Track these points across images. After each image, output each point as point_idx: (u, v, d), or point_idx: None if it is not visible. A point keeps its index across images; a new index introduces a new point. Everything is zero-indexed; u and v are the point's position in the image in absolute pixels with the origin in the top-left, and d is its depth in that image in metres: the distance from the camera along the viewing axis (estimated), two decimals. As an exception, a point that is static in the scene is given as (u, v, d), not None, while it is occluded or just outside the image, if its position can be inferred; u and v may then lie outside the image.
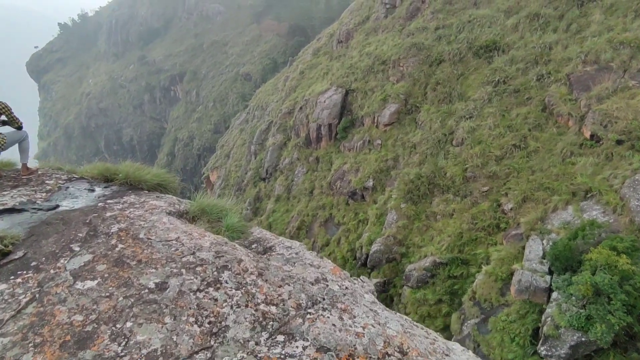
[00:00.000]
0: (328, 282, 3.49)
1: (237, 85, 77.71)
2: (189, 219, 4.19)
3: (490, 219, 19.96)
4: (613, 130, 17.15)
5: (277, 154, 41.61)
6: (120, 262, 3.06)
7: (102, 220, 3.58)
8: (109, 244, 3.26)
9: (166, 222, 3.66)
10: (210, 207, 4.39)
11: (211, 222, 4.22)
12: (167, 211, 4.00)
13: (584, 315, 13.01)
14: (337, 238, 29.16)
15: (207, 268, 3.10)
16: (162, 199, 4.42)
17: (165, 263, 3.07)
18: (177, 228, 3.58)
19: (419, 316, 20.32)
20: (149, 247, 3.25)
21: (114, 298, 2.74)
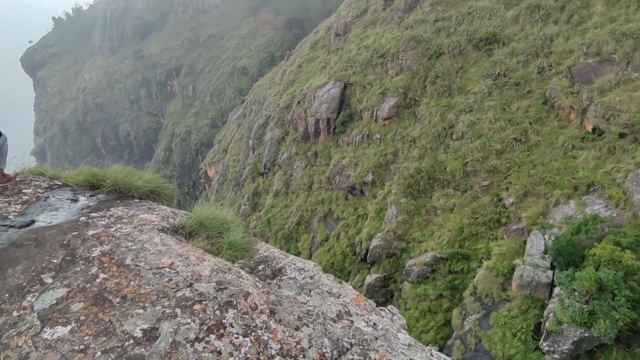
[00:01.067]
0: (353, 318, 2.99)
1: (234, 80, 77.05)
2: (185, 235, 3.64)
3: (491, 214, 19.80)
4: (615, 124, 16.93)
5: (275, 149, 41.29)
6: (100, 299, 2.51)
7: (82, 241, 3.03)
8: (88, 274, 2.70)
9: (158, 242, 3.13)
10: (210, 220, 3.84)
11: (210, 238, 3.70)
12: (159, 227, 3.45)
13: (587, 310, 12.90)
14: (336, 233, 29.01)
15: (207, 306, 2.55)
16: (155, 211, 3.84)
17: (156, 300, 2.52)
18: (171, 250, 3.04)
19: (419, 311, 20.24)
20: (136, 277, 2.70)
21: (90, 354, 2.19)
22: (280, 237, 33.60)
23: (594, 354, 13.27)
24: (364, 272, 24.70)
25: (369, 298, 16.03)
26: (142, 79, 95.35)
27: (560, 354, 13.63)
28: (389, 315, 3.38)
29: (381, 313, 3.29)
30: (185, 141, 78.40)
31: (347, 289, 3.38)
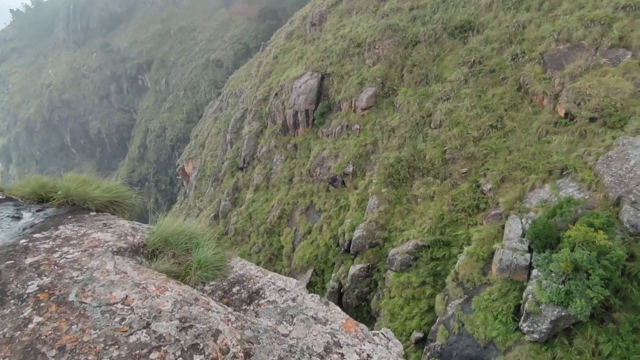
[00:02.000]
0: (343, 350, 2.59)
1: (208, 72, 75.14)
2: (148, 255, 3.11)
3: (470, 200, 20.13)
4: (586, 108, 17.41)
5: (253, 143, 40.63)
6: (31, 354, 1.95)
7: (17, 273, 2.41)
8: (19, 317, 2.14)
9: (111, 269, 2.57)
10: (176, 235, 3.32)
11: (177, 256, 3.18)
12: (115, 249, 2.88)
13: (564, 290, 13.31)
14: (319, 225, 28.94)
15: (166, 353, 2.05)
16: (111, 227, 3.25)
17: (103, 349, 2.01)
18: (127, 279, 2.51)
19: (403, 299, 20.50)
20: (80, 318, 2.16)
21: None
22: (262, 231, 33.28)
23: (571, 332, 13.76)
24: (347, 263, 24.78)
25: (354, 289, 15.95)
26: (111, 74, 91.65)
27: (539, 333, 14.07)
28: (383, 341, 3.00)
29: (375, 339, 2.94)
30: (160, 137, 76.20)
31: (335, 312, 2.97)
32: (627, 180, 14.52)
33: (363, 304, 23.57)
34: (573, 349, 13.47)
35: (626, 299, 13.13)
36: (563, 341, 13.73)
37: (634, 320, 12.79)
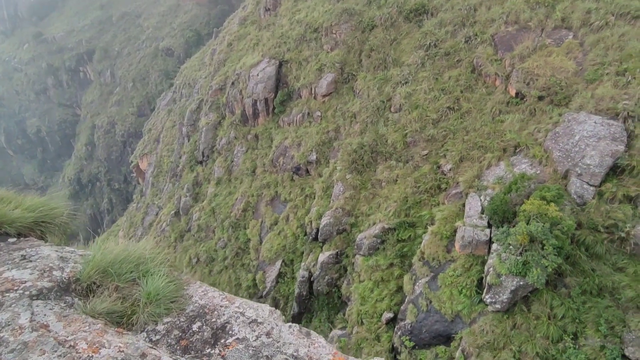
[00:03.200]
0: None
1: (158, 62, 71.03)
2: (82, 292, 2.44)
3: (431, 181, 20.68)
4: (535, 87, 18.30)
5: (212, 135, 39.15)
6: None
7: None
8: None
9: (26, 324, 1.93)
10: (119, 262, 2.68)
11: (121, 289, 2.57)
12: (34, 292, 2.19)
13: (521, 261, 14.09)
14: (285, 215, 28.64)
15: None
16: (31, 261, 2.51)
17: None
18: (47, 337, 1.87)
19: (373, 282, 20.87)
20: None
21: None
22: (227, 226, 32.42)
23: (529, 299, 14.65)
24: (316, 251, 24.78)
25: (324, 276, 15.70)
26: (47, 66, 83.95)
27: (500, 303, 14.87)
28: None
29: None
30: (110, 133, 71.47)
31: (319, 345, 2.45)
32: (573, 155, 15.50)
33: (334, 290, 23.78)
34: (531, 314, 14.38)
35: (576, 264, 14.15)
36: (522, 308, 14.61)
37: (582, 283, 13.84)
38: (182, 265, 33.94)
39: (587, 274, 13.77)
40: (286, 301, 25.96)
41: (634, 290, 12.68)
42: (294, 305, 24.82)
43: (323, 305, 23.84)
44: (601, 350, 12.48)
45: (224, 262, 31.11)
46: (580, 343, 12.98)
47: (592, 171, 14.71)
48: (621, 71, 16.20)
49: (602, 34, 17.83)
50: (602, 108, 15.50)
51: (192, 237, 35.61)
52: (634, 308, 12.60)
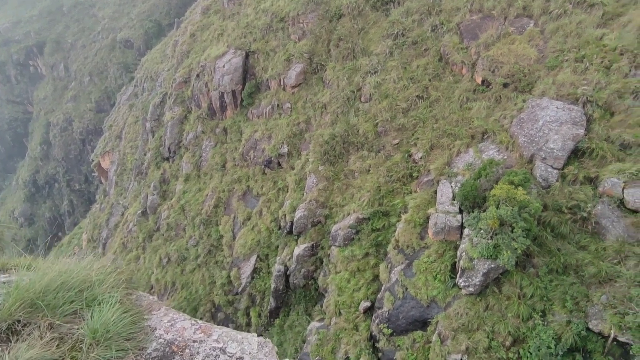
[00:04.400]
0: None
1: (116, 55, 67.32)
2: (1, 335, 1.78)
3: (403, 170, 20.84)
4: (499, 75, 18.73)
5: (178, 129, 37.65)
6: None
7: None
8: None
9: None
10: (54, 290, 1.97)
11: (57, 327, 1.85)
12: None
13: (492, 245, 14.46)
14: (258, 210, 28.10)
15: None
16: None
17: None
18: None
19: (349, 272, 20.90)
20: None
21: None
22: (198, 223, 31.43)
23: (500, 281, 15.10)
24: (291, 244, 24.51)
25: (300, 269, 15.40)
26: (-8, 60, 77.57)
27: (473, 286, 15.25)
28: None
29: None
30: (67, 131, 67.29)
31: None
32: (537, 139, 16.01)
33: (310, 282, 23.66)
34: (502, 295, 14.86)
35: (542, 245, 14.70)
36: (494, 290, 15.07)
37: (549, 262, 14.41)
38: (152, 266, 32.67)
39: (553, 253, 14.34)
40: (262, 296, 25.59)
41: (595, 267, 13.33)
42: (271, 299, 24.51)
43: (300, 298, 23.69)
44: (567, 325, 13.06)
45: (196, 261, 30.21)
46: (548, 320, 13.54)
47: (556, 155, 15.27)
48: (579, 58, 16.84)
49: (561, 22, 18.45)
50: (563, 94, 16.07)
51: (161, 236, 34.30)
52: (596, 283, 13.25)
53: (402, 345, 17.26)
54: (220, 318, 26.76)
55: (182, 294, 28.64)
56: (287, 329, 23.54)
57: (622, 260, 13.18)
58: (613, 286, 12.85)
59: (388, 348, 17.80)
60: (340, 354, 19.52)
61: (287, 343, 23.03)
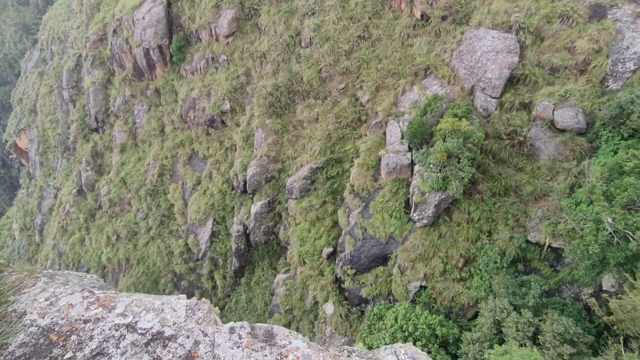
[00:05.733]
0: None
1: (10, 14, 57.21)
2: None
3: (351, 114, 20.67)
4: (437, 7, 18.51)
5: (102, 96, 33.80)
6: None
7: None
8: None
9: None
10: None
11: None
12: None
13: (441, 177, 15.13)
14: (207, 173, 26.87)
15: None
16: None
17: None
18: None
19: (309, 222, 21.13)
20: None
21: None
22: (143, 195, 29.54)
23: (450, 210, 16.07)
24: (247, 203, 24.03)
25: (259, 226, 15.04)
26: None
27: (427, 218, 16.12)
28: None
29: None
30: (-34, 110, 57.91)
31: (297, 349, 1.45)
32: (476, 71, 16.39)
33: (271, 237, 23.71)
34: (453, 222, 15.91)
35: (486, 172, 15.66)
36: (445, 219, 16.06)
37: (492, 187, 15.48)
38: (101, 246, 30.70)
39: (495, 178, 15.37)
40: (225, 258, 25.36)
41: (532, 186, 14.54)
42: (234, 260, 24.38)
43: (263, 254, 23.80)
44: (510, 241, 14.41)
45: (148, 234, 28.81)
46: (494, 238, 14.82)
47: (494, 84, 15.81)
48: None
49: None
50: (498, 22, 16.33)
51: (105, 214, 31.99)
52: (532, 200, 14.54)
53: (366, 282, 18.24)
54: (184, 286, 26.32)
55: (138, 269, 27.51)
56: (254, 286, 23.81)
57: (554, 176, 14.49)
58: (547, 201, 14.19)
59: (353, 287, 18.75)
60: (308, 300, 20.27)
61: (256, 298, 23.41)
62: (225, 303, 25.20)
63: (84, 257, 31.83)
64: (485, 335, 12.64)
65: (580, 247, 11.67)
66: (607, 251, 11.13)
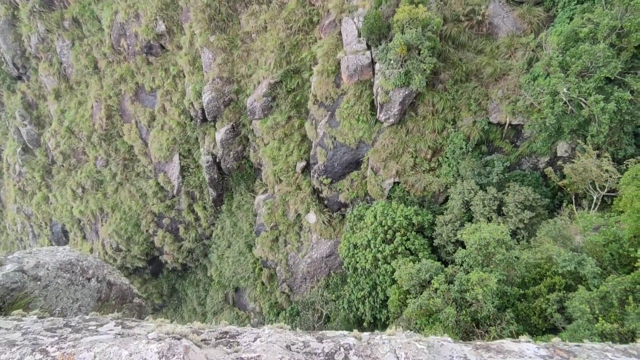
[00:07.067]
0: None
1: None
2: None
3: (302, 17, 18.96)
4: None
5: (12, 36, 28.97)
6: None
7: None
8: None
9: None
10: None
11: None
12: None
13: (404, 72, 14.77)
14: (160, 107, 25.02)
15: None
16: None
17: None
18: None
19: (278, 141, 20.82)
20: None
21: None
22: (97, 142, 27.62)
23: (415, 104, 16.10)
24: (210, 131, 23.08)
25: (228, 153, 14.69)
26: None
27: (393, 117, 16.18)
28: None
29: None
30: None
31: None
32: (429, -55, 14.83)
33: (243, 162, 23.48)
34: (419, 117, 16.09)
35: (446, 60, 15.36)
36: (411, 115, 16.18)
37: (454, 74, 15.35)
38: (68, 201, 29.60)
39: (456, 65, 15.17)
40: (200, 190, 25.28)
41: (492, 67, 14.52)
42: (210, 190, 24.38)
43: (238, 179, 23.82)
44: (474, 125, 14.91)
45: (115, 180, 27.80)
46: (458, 125, 15.26)
47: (449, -41, 14.53)
48: None
49: None
50: None
51: (61, 168, 30.14)
52: (493, 82, 14.68)
53: (342, 188, 18.96)
54: (166, 224, 26.55)
55: (115, 216, 27.18)
56: (236, 210, 24.32)
57: (513, 53, 14.43)
58: (507, 80, 14.36)
59: (331, 195, 19.50)
60: (291, 214, 21.11)
61: (241, 222, 24.14)
62: (211, 232, 25.93)
63: (54, 215, 30.86)
64: (456, 215, 13.85)
65: (538, 120, 12.25)
66: (562, 120, 11.76)
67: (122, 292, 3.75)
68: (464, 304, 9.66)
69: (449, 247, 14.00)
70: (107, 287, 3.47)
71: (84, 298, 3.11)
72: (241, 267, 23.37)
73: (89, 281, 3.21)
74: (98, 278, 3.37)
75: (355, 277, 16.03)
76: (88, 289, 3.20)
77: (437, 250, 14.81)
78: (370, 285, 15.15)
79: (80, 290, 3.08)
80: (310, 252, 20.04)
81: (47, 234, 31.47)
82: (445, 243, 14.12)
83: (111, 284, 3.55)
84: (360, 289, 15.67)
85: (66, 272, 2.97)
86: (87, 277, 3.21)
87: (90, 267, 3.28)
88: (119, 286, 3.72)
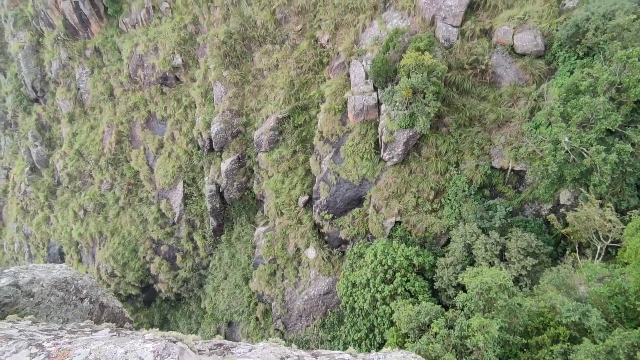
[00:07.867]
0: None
1: None
2: None
3: (312, 57, 19.80)
4: None
5: (35, 61, 30.37)
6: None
7: None
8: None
9: None
10: None
11: None
12: None
13: (408, 114, 15.17)
14: (169, 135, 25.61)
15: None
16: None
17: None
18: None
19: (282, 174, 21.03)
20: None
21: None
22: (104, 165, 28.03)
23: (418, 146, 16.37)
24: (216, 161, 23.41)
25: (232, 183, 14.85)
26: None
27: (397, 156, 16.41)
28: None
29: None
30: None
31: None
32: (436, -1, 15.77)
33: (246, 193, 23.59)
34: (422, 158, 16.31)
35: (450, 104, 15.82)
36: (415, 155, 16.41)
37: (457, 119, 15.75)
38: (69, 223, 29.54)
39: (459, 109, 15.58)
40: (201, 219, 25.21)
41: (494, 113, 14.90)
42: (211, 219, 24.30)
43: (240, 210, 23.80)
44: (476, 169, 15.05)
45: (117, 204, 27.87)
46: (461, 168, 15.40)
47: (454, 12, 15.38)
48: None
49: None
50: (455, -57, 15.45)
51: (66, 189, 30.38)
52: (496, 127, 15.00)
53: (343, 225, 18.85)
54: (164, 251, 26.25)
55: (114, 241, 26.97)
56: (235, 241, 24.09)
57: (515, 102, 14.86)
58: (509, 127, 14.68)
59: (332, 230, 19.36)
60: (290, 248, 20.87)
61: (239, 253, 23.83)
62: (209, 261, 25.54)
63: (53, 236, 30.68)
64: (458, 258, 13.63)
65: (540, 167, 12.37)
66: (564, 168, 11.88)
67: (114, 316, 3.71)
68: (464, 351, 9.29)
69: (449, 290, 13.66)
70: (99, 309, 3.43)
71: (74, 319, 3.07)
72: (236, 300, 22.77)
73: (82, 301, 3.19)
74: (91, 299, 3.34)
75: (352, 317, 15.53)
76: (80, 310, 3.17)
77: (437, 294, 14.44)
78: (368, 327, 14.64)
79: (71, 310, 3.05)
80: (308, 289, 19.57)
81: (43, 255, 31.11)
82: (446, 286, 13.79)
83: (104, 306, 3.52)
84: (357, 330, 15.14)
85: (60, 290, 2.96)
86: (80, 296, 3.20)
87: (84, 287, 3.28)
88: (111, 309, 3.68)
